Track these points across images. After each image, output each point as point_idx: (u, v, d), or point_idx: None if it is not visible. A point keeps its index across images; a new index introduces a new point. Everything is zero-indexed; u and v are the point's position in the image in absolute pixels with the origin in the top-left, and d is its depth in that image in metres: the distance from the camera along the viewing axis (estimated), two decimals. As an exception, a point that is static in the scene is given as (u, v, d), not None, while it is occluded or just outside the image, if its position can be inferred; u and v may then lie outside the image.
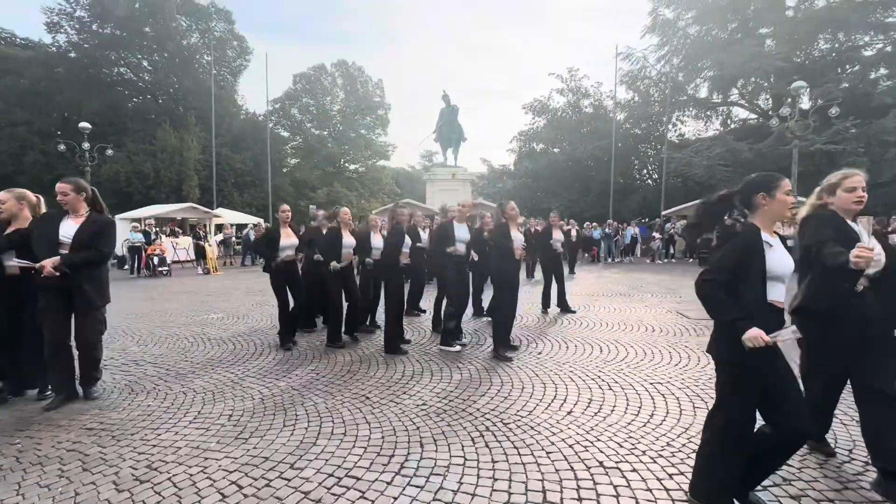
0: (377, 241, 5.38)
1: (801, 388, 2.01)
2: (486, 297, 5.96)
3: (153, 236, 13.98)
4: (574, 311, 6.94)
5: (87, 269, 3.27)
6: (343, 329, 5.12)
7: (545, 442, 2.67)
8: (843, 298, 2.19)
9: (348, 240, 5.06)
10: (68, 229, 3.25)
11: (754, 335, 1.70)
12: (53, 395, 3.35)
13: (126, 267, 14.24)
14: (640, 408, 3.18)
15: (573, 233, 14.14)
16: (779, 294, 1.85)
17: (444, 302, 5.32)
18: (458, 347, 4.81)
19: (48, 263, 3.07)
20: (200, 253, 14.73)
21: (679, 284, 10.36)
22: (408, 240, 5.21)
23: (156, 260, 13.01)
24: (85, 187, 3.42)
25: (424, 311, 6.92)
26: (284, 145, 34.73)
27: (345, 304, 5.13)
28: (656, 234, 16.88)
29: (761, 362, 1.78)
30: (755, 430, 1.95)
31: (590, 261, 17.01)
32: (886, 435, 2.10)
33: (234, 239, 17.71)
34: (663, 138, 26.18)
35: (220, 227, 20.33)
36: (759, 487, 2.11)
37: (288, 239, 4.98)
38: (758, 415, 1.92)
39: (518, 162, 33.79)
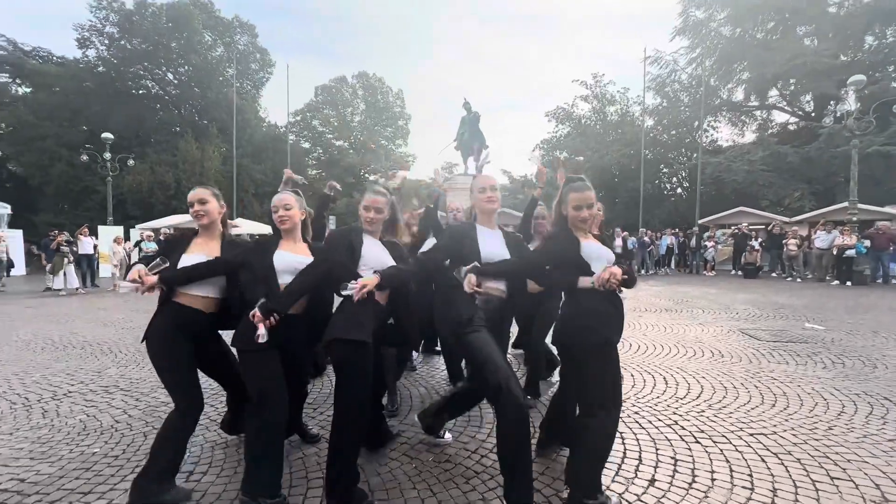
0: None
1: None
2: None
3: (168, 246, 13.67)
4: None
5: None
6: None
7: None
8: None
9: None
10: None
11: None
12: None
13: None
14: (750, 476, 2.27)
15: (620, 242, 12.80)
16: None
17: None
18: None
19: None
20: (215, 263, 14.32)
21: (730, 298, 9.24)
22: None
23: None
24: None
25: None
26: (305, 156, 34.80)
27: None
28: (708, 244, 15.65)
29: None
30: None
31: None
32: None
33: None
34: (694, 145, 24.87)
35: (238, 237, 20.11)
36: None
37: (294, 256, 2.28)
38: None
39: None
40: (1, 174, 29.16)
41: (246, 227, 21.44)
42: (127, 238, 15.77)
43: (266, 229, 22.64)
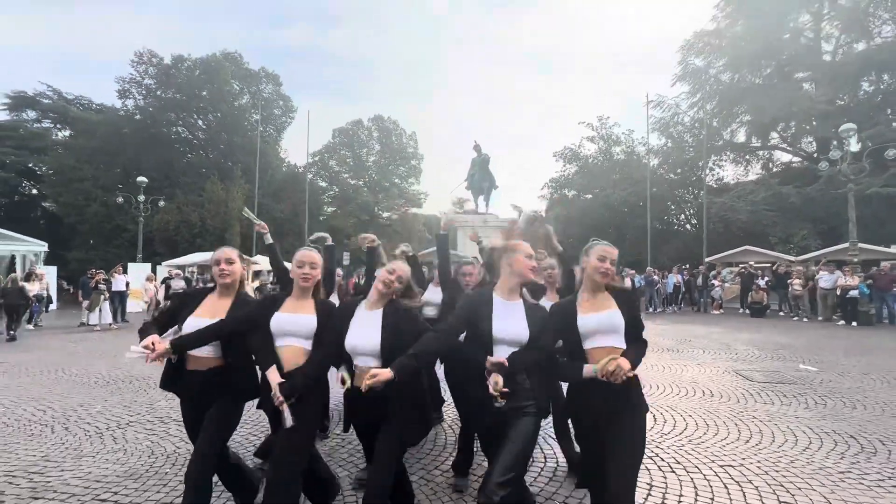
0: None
1: None
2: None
3: (194, 283, 14.47)
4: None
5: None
6: None
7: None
8: None
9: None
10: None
11: None
12: None
13: (167, 313, 14.78)
14: (712, 500, 2.70)
15: (628, 282, 13.37)
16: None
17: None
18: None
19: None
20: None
21: (733, 338, 9.54)
22: None
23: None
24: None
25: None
26: (322, 195, 36.25)
27: None
28: (716, 282, 15.96)
29: None
30: None
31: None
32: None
33: (269, 286, 18.15)
34: (700, 183, 25.50)
35: (257, 274, 20.94)
36: None
37: (291, 317, 2.20)
38: None
39: (550, 208, 33.69)
40: (36, 212, 30.99)
41: (265, 264, 22.41)
42: (153, 272, 16.73)
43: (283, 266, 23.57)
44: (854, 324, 11.74)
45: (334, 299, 3.22)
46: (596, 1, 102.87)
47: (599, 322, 1.95)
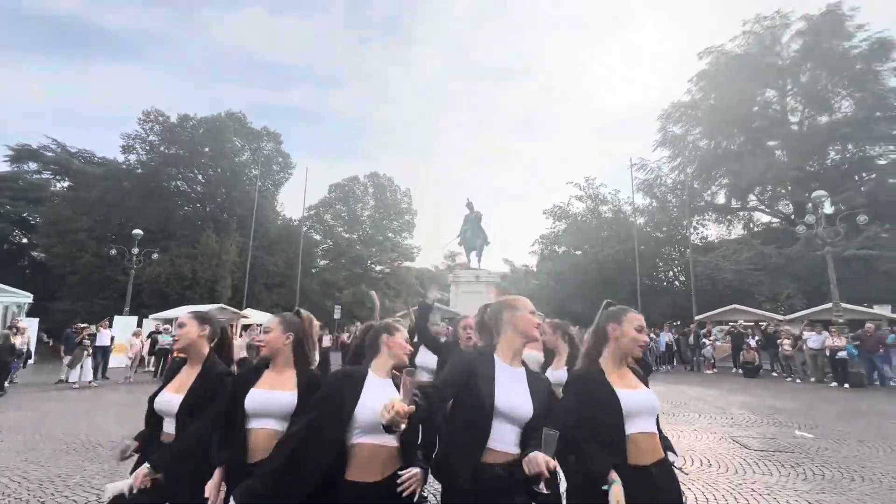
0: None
1: None
2: None
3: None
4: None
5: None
6: None
7: None
8: None
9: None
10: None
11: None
12: None
13: (149, 368, 14.33)
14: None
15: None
16: None
17: None
18: None
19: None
20: (224, 355, 14.69)
21: (728, 401, 9.47)
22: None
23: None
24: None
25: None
26: (315, 248, 36.52)
27: None
28: (706, 341, 16.01)
29: None
30: None
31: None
32: None
33: (257, 342, 17.80)
34: (686, 241, 26.33)
35: (246, 328, 20.59)
36: None
37: (272, 392, 1.97)
38: None
39: (541, 263, 34.20)
40: (23, 261, 30.63)
41: (255, 318, 22.07)
42: (140, 326, 16.33)
43: (273, 319, 23.22)
44: (846, 385, 11.77)
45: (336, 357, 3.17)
46: (578, 70, 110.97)
47: (643, 401, 1.70)
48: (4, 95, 59.52)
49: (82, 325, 14.56)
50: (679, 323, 26.95)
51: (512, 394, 1.72)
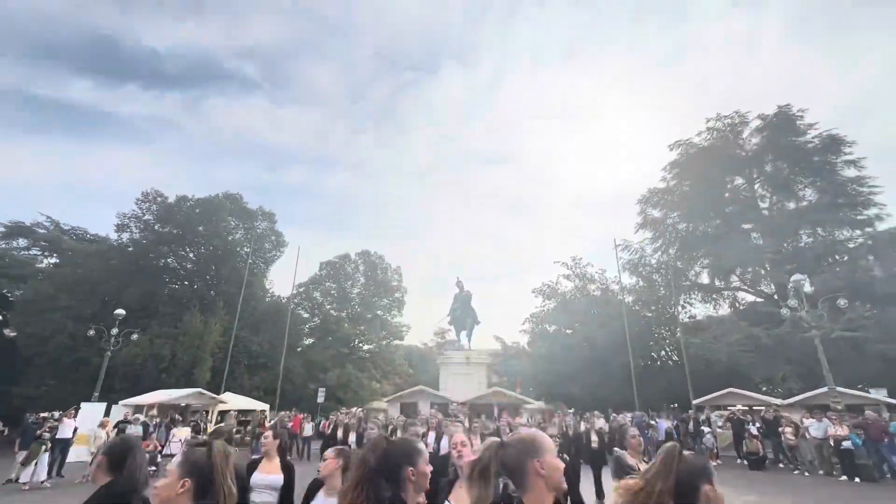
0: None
1: None
2: None
3: (151, 429, 13.18)
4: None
5: None
6: None
7: None
8: None
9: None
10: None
11: None
12: None
13: (112, 465, 13.07)
14: None
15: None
16: None
17: None
18: None
19: None
20: (196, 448, 13.61)
21: (739, 502, 8.85)
22: None
23: (147, 456, 11.96)
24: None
25: None
26: (302, 325, 35.68)
27: None
28: (705, 429, 15.37)
29: None
30: None
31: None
32: None
33: (234, 431, 16.58)
34: (675, 320, 26.38)
35: (223, 415, 19.33)
36: None
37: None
38: None
39: (532, 343, 33.66)
40: (-7, 340, 29.14)
41: (233, 403, 20.83)
42: (107, 413, 15.17)
43: (253, 404, 21.90)
44: (857, 479, 11.18)
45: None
46: (561, 156, 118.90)
47: None
48: (7, 173, 61.22)
49: (44, 415, 13.59)
50: (677, 406, 26.06)
51: None
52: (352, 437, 9.36)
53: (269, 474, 3.17)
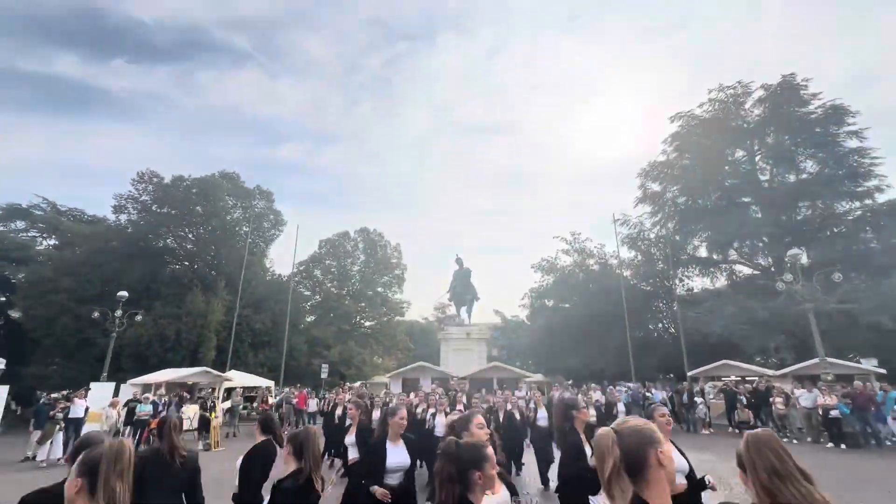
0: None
1: None
2: None
3: (160, 408, 13.56)
4: None
5: None
6: None
7: None
8: None
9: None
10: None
11: None
12: None
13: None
14: None
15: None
16: None
17: None
18: None
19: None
20: (204, 424, 14.05)
21: (727, 468, 9.19)
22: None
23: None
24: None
25: None
26: (304, 303, 36.08)
27: None
28: (698, 400, 15.81)
29: None
30: None
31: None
32: None
33: (241, 407, 17.07)
34: (672, 293, 26.68)
35: (229, 392, 19.82)
36: None
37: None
38: None
39: (531, 317, 34.12)
40: (-1, 322, 29.50)
41: (239, 380, 21.30)
42: (116, 393, 15.58)
43: (258, 381, 22.41)
44: (843, 446, 11.64)
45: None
46: (560, 128, 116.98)
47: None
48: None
49: (55, 396, 13.95)
50: (672, 376, 26.70)
51: None
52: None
53: (398, 457, 3.43)
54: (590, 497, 2.70)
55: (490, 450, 2.02)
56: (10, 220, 30.58)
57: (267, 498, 2.62)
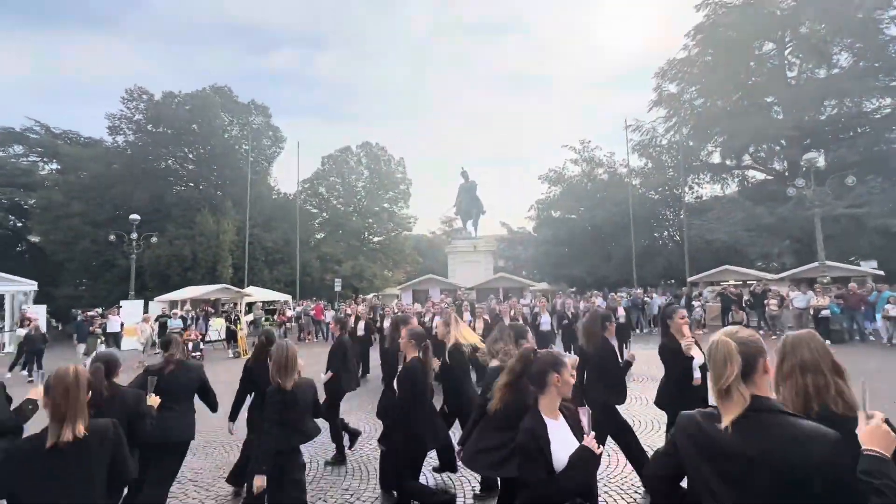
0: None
1: None
2: None
3: (189, 321, 14.59)
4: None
5: None
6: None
7: None
8: None
9: None
10: None
11: None
12: None
13: (159, 351, 14.82)
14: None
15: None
16: None
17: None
18: None
19: None
20: (231, 335, 15.23)
21: (714, 364, 9.98)
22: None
23: (190, 346, 13.49)
24: None
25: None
26: (312, 220, 36.53)
27: None
28: (695, 303, 16.54)
29: None
30: None
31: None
32: None
33: (263, 319, 18.26)
34: (681, 201, 26.46)
35: (250, 306, 21.06)
36: None
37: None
38: None
39: (538, 228, 34.41)
40: (21, 246, 30.62)
41: (258, 295, 22.50)
42: (146, 310, 16.72)
43: (275, 296, 23.68)
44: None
45: None
46: (571, 25, 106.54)
47: None
48: (-23, 73, 57.35)
49: (91, 313, 14.96)
50: (674, 282, 27.59)
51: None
52: (360, 326, 10.12)
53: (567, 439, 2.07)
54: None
55: (567, 358, 2.10)
56: (6, 145, 30.06)
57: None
